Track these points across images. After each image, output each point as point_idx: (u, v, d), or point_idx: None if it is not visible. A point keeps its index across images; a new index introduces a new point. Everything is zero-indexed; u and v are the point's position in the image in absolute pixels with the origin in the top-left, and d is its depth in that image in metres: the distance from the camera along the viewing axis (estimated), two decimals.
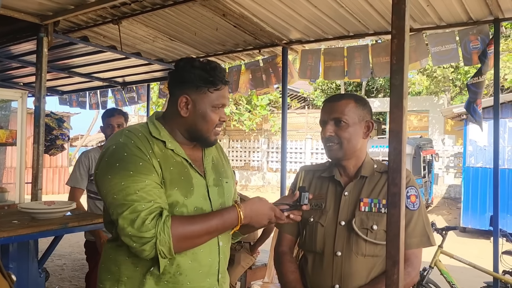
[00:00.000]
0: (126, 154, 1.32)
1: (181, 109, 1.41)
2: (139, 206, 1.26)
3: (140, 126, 1.44)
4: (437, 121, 16.33)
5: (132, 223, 1.25)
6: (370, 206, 1.58)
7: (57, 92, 6.00)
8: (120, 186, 1.29)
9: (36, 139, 2.82)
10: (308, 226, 1.66)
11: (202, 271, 1.39)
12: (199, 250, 1.38)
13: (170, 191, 1.34)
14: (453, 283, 3.63)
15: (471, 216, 8.67)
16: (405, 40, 1.26)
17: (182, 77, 1.41)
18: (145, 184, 1.29)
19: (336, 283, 1.56)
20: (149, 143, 1.37)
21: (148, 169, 1.31)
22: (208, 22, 4.02)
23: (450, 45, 3.57)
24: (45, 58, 2.86)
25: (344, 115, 1.60)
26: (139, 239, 1.25)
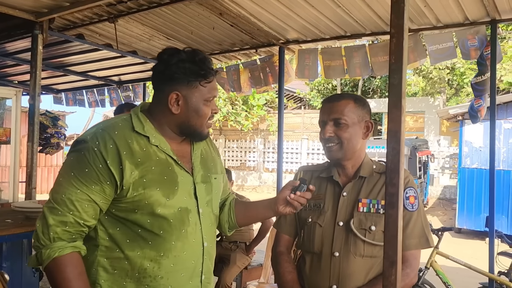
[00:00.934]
0: (82, 154, 1.26)
1: (171, 106, 1.33)
2: (56, 210, 1.23)
3: (122, 120, 1.36)
4: (433, 122, 16.39)
5: (42, 220, 1.25)
6: (369, 207, 1.57)
7: (52, 90, 5.96)
8: (58, 180, 1.28)
9: (31, 138, 2.79)
10: (306, 227, 1.65)
11: (184, 274, 1.34)
12: (182, 253, 1.33)
13: (151, 192, 1.28)
14: (448, 283, 3.63)
15: (467, 217, 8.69)
16: (404, 39, 1.25)
17: (170, 72, 1.32)
18: (76, 192, 1.24)
19: (333, 283, 1.55)
20: (126, 142, 1.29)
21: (92, 178, 1.25)
22: (205, 21, 4.00)
23: (448, 43, 3.59)
24: (40, 55, 2.83)
25: (343, 115, 1.58)
26: (37, 236, 1.24)
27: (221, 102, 14.53)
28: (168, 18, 3.98)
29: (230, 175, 4.11)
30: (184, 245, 1.33)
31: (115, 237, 1.30)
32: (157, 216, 1.29)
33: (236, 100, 14.79)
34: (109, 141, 1.27)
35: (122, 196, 1.28)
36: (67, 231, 1.24)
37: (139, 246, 1.29)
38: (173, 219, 1.31)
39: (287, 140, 15.26)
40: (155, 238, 1.29)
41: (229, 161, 16.47)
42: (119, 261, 1.29)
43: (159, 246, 1.30)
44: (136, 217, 1.29)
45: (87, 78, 4.96)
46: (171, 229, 1.31)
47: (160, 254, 1.30)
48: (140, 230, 1.29)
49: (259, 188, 15.22)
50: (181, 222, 1.33)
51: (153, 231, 1.29)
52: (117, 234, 1.30)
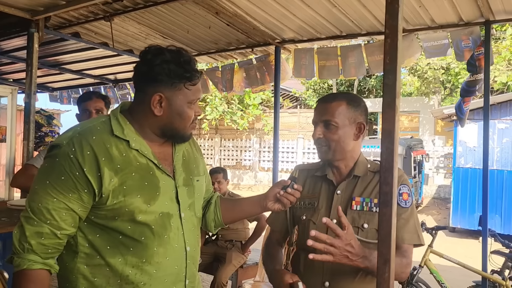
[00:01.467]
0: (58, 160, 1.21)
1: (154, 108, 1.28)
2: (32, 220, 1.20)
3: (101, 123, 1.30)
4: (428, 122, 16.47)
5: (19, 228, 1.21)
6: (362, 205, 1.59)
7: (48, 88, 5.94)
8: (34, 188, 1.23)
9: (26, 136, 2.79)
10: (300, 224, 1.67)
11: (168, 279, 1.32)
12: (165, 258, 1.30)
13: (131, 199, 1.24)
14: (442, 282, 3.66)
15: (460, 216, 8.75)
16: (398, 40, 1.27)
17: (153, 73, 1.26)
18: (53, 201, 1.20)
19: (326, 280, 1.56)
20: (105, 147, 1.24)
21: (68, 187, 1.20)
22: (201, 20, 4.01)
23: (442, 41, 3.63)
24: (35, 54, 2.83)
25: (334, 117, 1.58)
26: (13, 242, 1.21)
27: (217, 101, 14.53)
28: (164, 17, 3.98)
29: (225, 174, 4.13)
30: (166, 250, 1.31)
31: (95, 243, 1.26)
32: (137, 223, 1.26)
33: (232, 99, 14.78)
34: (86, 147, 1.22)
35: (101, 203, 1.24)
36: (42, 244, 1.20)
37: (120, 253, 1.26)
38: (155, 225, 1.28)
39: (283, 139, 15.28)
40: (136, 244, 1.27)
41: (225, 160, 16.48)
42: (100, 268, 1.26)
43: (141, 253, 1.27)
44: (116, 224, 1.25)
45: (83, 76, 4.95)
46: (153, 235, 1.28)
47: (142, 261, 1.27)
48: (121, 236, 1.26)
49: (254, 187, 15.24)
50: (163, 228, 1.30)
51: (134, 238, 1.26)
52: (97, 240, 1.26)
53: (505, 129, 8.16)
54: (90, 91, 2.84)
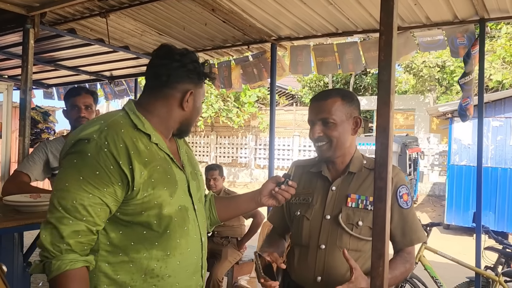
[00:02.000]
0: (90, 155, 1.20)
1: (185, 103, 1.37)
2: (66, 219, 1.17)
3: (120, 117, 1.31)
4: (423, 119, 16.55)
5: (50, 230, 1.18)
6: (357, 202, 1.60)
7: (43, 85, 5.91)
8: (63, 185, 1.20)
9: (22, 132, 2.78)
10: (295, 220, 1.69)
11: (189, 270, 1.37)
12: (186, 250, 1.35)
13: (159, 192, 1.28)
14: (436, 278, 3.69)
15: (455, 213, 8.81)
16: (393, 37, 1.28)
17: (186, 71, 1.36)
18: (88, 196, 1.18)
19: (318, 275, 1.58)
20: (132, 141, 1.26)
21: (103, 181, 1.20)
22: (197, 17, 4.00)
23: (438, 37, 3.66)
24: (31, 50, 2.81)
25: (331, 114, 1.60)
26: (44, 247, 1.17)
27: (213, 98, 14.52)
28: (160, 13, 3.97)
29: (221, 171, 4.14)
30: (187, 242, 1.36)
31: (118, 240, 1.27)
32: (163, 216, 1.29)
33: (228, 96, 14.78)
34: (118, 140, 1.23)
35: (131, 197, 1.25)
36: (79, 242, 1.19)
37: (145, 248, 1.28)
38: (177, 217, 1.33)
39: (279, 137, 15.31)
40: (161, 238, 1.29)
41: (221, 158, 16.48)
42: (122, 265, 1.26)
43: (166, 245, 1.30)
44: (142, 219, 1.27)
45: (78, 73, 4.93)
46: (175, 227, 1.32)
47: (167, 253, 1.30)
48: (145, 232, 1.28)
49: (250, 185, 15.25)
50: (182, 220, 1.35)
51: (159, 231, 1.29)
52: (119, 237, 1.27)
53: (500, 127, 8.22)
54: (78, 87, 2.79)
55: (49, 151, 2.57)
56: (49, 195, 2.38)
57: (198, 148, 17.14)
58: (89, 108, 2.58)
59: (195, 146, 17.18)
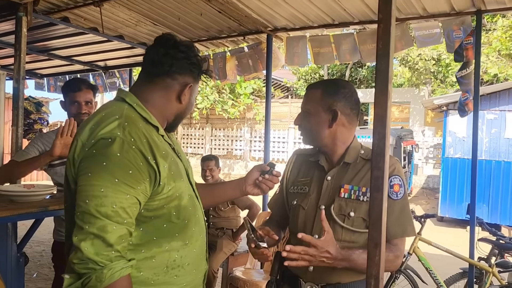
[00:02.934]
0: (119, 155, 1.14)
1: (183, 96, 1.35)
2: (109, 226, 1.11)
3: (129, 110, 1.26)
4: (418, 112, 16.60)
5: (92, 240, 1.10)
6: (350, 193, 1.58)
7: (36, 75, 5.85)
8: (98, 191, 1.12)
9: (15, 122, 2.74)
10: (292, 209, 1.69)
11: (201, 255, 1.40)
12: (199, 236, 1.37)
13: (179, 183, 1.28)
14: (430, 269, 3.71)
15: (449, 206, 8.88)
16: (391, 25, 1.27)
17: (190, 64, 1.34)
18: (126, 198, 1.14)
19: (310, 264, 1.58)
20: (149, 134, 1.24)
21: (137, 179, 1.15)
22: (192, 7, 3.96)
23: (434, 30, 3.64)
24: (24, 38, 2.77)
25: (306, 105, 1.62)
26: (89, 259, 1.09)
27: (208, 90, 14.46)
28: (155, 3, 3.93)
29: (217, 162, 4.13)
30: (199, 229, 1.38)
31: (139, 238, 1.23)
32: (181, 207, 1.30)
33: (223, 88, 14.73)
34: (141, 135, 1.20)
35: (157, 193, 1.22)
36: (124, 247, 1.16)
37: (166, 241, 1.27)
38: (190, 206, 1.35)
39: (274, 129, 15.30)
40: (181, 228, 1.30)
41: (216, 150, 16.46)
42: (145, 262, 1.23)
43: (184, 235, 1.31)
44: (162, 212, 1.25)
45: (72, 62, 4.89)
46: (191, 216, 1.34)
47: (185, 243, 1.32)
48: (165, 224, 1.27)
49: None
50: (194, 208, 1.37)
51: (179, 222, 1.29)
52: (141, 235, 1.23)
53: (494, 120, 8.26)
54: (78, 80, 2.68)
55: (46, 143, 2.47)
56: (43, 185, 2.37)
57: (193, 140, 17.11)
58: (89, 104, 2.50)
59: (190, 138, 17.15)
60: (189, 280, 1.34)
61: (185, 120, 17.82)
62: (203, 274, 1.43)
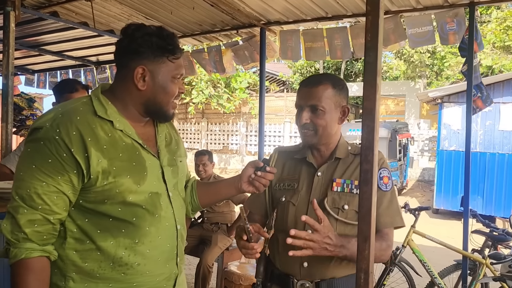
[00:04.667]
0: (42, 144, 1.17)
1: (137, 81, 1.27)
2: (21, 208, 1.16)
3: (82, 104, 1.27)
4: (413, 105, 16.62)
5: (9, 220, 1.18)
6: (343, 187, 1.58)
7: (28, 71, 5.80)
8: (19, 175, 1.19)
9: (5, 118, 2.72)
10: (279, 206, 1.66)
11: (161, 258, 1.33)
12: (157, 237, 1.31)
13: (122, 180, 1.23)
14: (424, 261, 3.73)
15: (444, 198, 8.92)
16: (380, 17, 1.25)
17: (135, 45, 1.25)
18: (42, 185, 1.17)
19: (305, 260, 1.56)
20: (90, 128, 1.21)
21: (57, 169, 1.17)
22: (185, 1, 3.93)
23: (427, 27, 3.61)
24: (12, 33, 2.73)
25: (321, 102, 1.56)
26: (5, 235, 1.18)
27: (203, 84, 14.41)
28: None
29: (211, 157, 4.11)
30: (158, 229, 1.31)
31: (84, 228, 1.24)
32: (128, 204, 1.25)
33: (218, 82, 14.68)
34: (71, 127, 1.19)
35: (90, 185, 1.21)
36: (36, 232, 1.17)
37: (112, 236, 1.25)
38: (145, 205, 1.28)
39: (270, 123, 15.30)
40: (128, 226, 1.26)
41: (212, 144, 16.45)
42: (90, 253, 1.24)
43: (133, 234, 1.27)
44: (106, 207, 1.24)
45: (63, 58, 4.84)
46: (144, 215, 1.28)
47: (135, 241, 1.27)
48: (111, 219, 1.25)
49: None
50: (153, 207, 1.30)
51: (125, 219, 1.26)
52: (86, 225, 1.24)
53: (489, 112, 8.27)
54: (73, 80, 2.65)
55: None
56: None
57: (188, 135, 17.08)
58: None
59: (185, 133, 17.11)
60: (141, 281, 1.29)
61: (181, 114, 17.78)
62: (164, 278, 1.36)
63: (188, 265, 4.79)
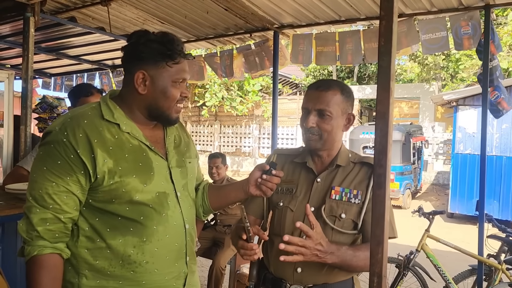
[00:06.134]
0: (52, 147, 1.25)
1: (138, 86, 1.32)
2: (34, 208, 1.23)
3: (91, 108, 1.35)
4: (428, 108, 16.44)
5: (24, 220, 1.25)
6: (341, 195, 1.57)
7: (45, 74, 5.92)
8: (32, 177, 1.27)
9: (24, 121, 2.78)
10: (277, 210, 1.65)
11: (169, 257, 1.36)
12: (165, 236, 1.34)
13: (128, 179, 1.28)
14: (438, 266, 3.69)
15: (459, 202, 8.80)
16: (393, 22, 1.25)
17: (137, 51, 1.32)
18: (52, 185, 1.23)
19: (298, 266, 1.55)
20: (97, 130, 1.28)
21: (66, 170, 1.24)
22: (199, 5, 3.97)
23: (441, 33, 3.57)
24: (31, 38, 2.80)
25: (329, 107, 1.55)
26: (21, 234, 1.25)
27: (216, 87, 14.48)
28: (162, 1, 3.94)
29: (224, 159, 4.14)
30: (166, 228, 1.35)
31: (95, 227, 1.30)
32: (135, 203, 1.29)
33: (231, 85, 14.74)
34: (78, 130, 1.26)
35: (97, 185, 1.27)
36: (48, 230, 1.23)
37: (121, 234, 1.29)
38: (152, 204, 1.32)
39: (283, 126, 15.29)
40: (135, 224, 1.30)
41: (224, 147, 16.50)
42: (101, 251, 1.29)
43: (141, 232, 1.30)
44: (114, 207, 1.29)
45: (80, 62, 4.93)
46: (151, 214, 1.32)
47: (143, 240, 1.30)
48: (120, 218, 1.30)
49: None
50: (160, 206, 1.34)
51: (133, 218, 1.30)
52: (96, 224, 1.30)
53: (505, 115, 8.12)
54: (87, 84, 2.71)
55: None
56: None
57: (201, 138, 17.16)
58: None
59: (198, 135, 17.20)
60: (149, 279, 1.33)
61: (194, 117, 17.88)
62: (173, 276, 1.38)
63: (201, 267, 4.82)
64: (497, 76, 3.45)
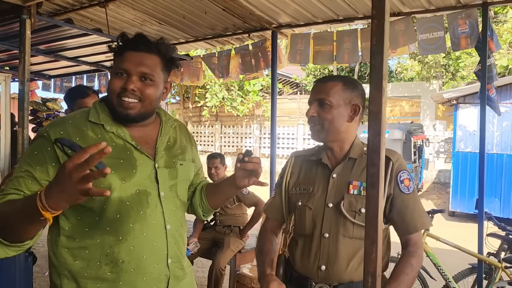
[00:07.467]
0: (36, 142, 1.33)
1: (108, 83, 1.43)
2: (6, 189, 1.26)
3: (82, 112, 1.42)
4: (429, 107, 16.42)
5: None
6: (359, 189, 1.57)
7: (44, 76, 5.92)
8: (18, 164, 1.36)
9: (21, 123, 2.79)
10: (296, 210, 1.66)
11: (147, 256, 1.34)
12: (141, 234, 1.33)
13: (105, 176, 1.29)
14: (438, 264, 3.68)
15: (460, 200, 8.78)
16: (386, 21, 1.25)
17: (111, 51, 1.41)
18: (23, 172, 1.27)
19: (322, 263, 1.57)
20: (80, 129, 1.33)
21: (37, 159, 1.28)
22: (197, 5, 3.97)
23: (438, 33, 3.57)
24: (28, 40, 2.80)
25: (328, 96, 1.57)
26: None
27: (217, 87, 14.49)
28: (160, 2, 3.95)
29: (223, 160, 4.14)
30: (143, 226, 1.33)
31: (75, 226, 1.31)
32: (112, 200, 1.29)
33: (232, 85, 14.74)
34: (60, 127, 1.32)
35: None
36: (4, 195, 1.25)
37: (98, 234, 1.30)
38: (130, 201, 1.32)
39: (283, 126, 15.29)
40: (112, 222, 1.30)
41: (225, 147, 16.51)
42: (79, 251, 1.30)
43: (117, 230, 1.30)
44: (93, 204, 1.29)
45: (79, 63, 4.93)
46: (128, 212, 1.31)
47: (118, 238, 1.30)
48: (97, 218, 1.30)
49: None
50: (139, 204, 1.33)
51: (110, 216, 1.30)
52: (77, 223, 1.31)
53: (505, 113, 8.12)
54: (83, 86, 2.70)
55: None
56: None
57: (202, 138, 17.17)
58: None
59: (199, 136, 17.21)
60: (126, 279, 1.31)
61: (195, 118, 17.88)
62: (153, 278, 1.35)
63: (201, 267, 4.82)
64: (491, 74, 3.45)
